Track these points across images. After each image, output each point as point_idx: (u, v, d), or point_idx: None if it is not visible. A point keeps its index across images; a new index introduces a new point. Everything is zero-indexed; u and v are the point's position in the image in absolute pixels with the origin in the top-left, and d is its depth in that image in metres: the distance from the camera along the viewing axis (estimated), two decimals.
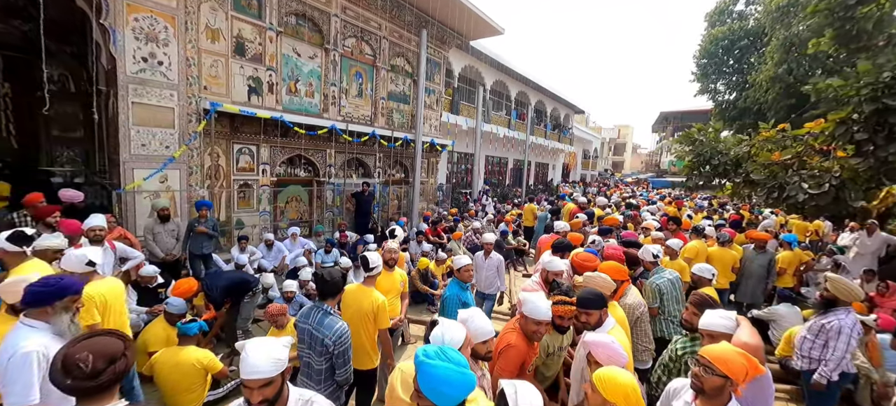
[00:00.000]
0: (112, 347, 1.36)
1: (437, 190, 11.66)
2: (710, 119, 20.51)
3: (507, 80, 18.28)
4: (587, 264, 3.38)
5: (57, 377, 1.29)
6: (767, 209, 10.56)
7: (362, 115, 8.97)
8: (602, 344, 1.80)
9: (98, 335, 1.41)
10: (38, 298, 1.89)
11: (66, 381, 1.27)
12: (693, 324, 2.38)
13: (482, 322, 1.98)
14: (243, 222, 6.91)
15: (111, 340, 1.39)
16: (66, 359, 1.29)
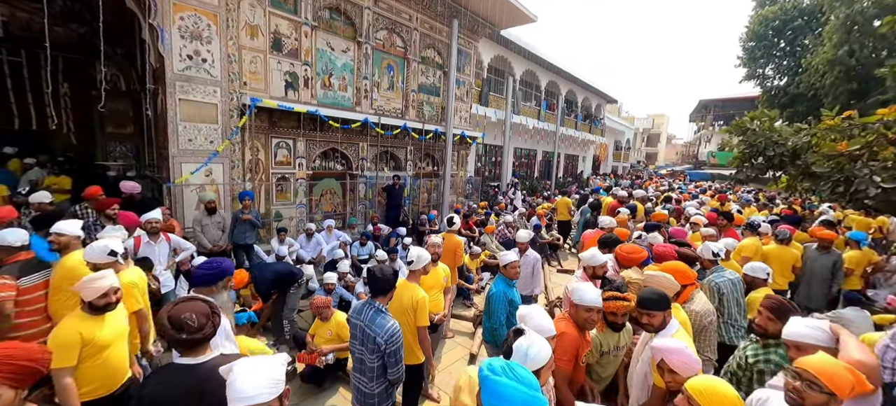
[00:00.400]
0: (205, 307, 1.61)
1: (466, 183, 11.57)
2: (756, 106, 19.15)
3: (537, 70, 17.83)
4: (633, 257, 3.22)
5: (171, 335, 1.53)
6: (824, 204, 9.77)
7: (393, 107, 8.98)
8: (676, 351, 1.67)
9: (187, 300, 1.64)
10: (205, 280, 2.31)
11: (181, 336, 1.52)
12: (767, 330, 2.20)
13: (542, 319, 1.90)
14: (281, 214, 7.10)
15: (201, 303, 1.62)
16: (173, 319, 1.53)
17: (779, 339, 2.17)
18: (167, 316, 1.54)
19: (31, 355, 1.50)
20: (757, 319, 2.25)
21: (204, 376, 1.53)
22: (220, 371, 1.33)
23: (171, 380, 1.56)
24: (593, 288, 2.12)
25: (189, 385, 1.53)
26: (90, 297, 2.07)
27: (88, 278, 2.10)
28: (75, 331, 2.06)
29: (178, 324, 1.52)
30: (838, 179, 5.63)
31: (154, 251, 3.73)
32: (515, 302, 2.91)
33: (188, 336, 1.53)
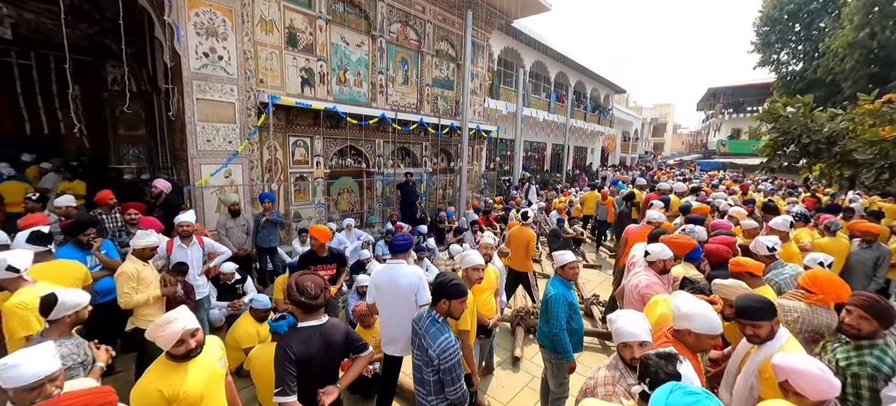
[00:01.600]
0: (321, 281, 2.04)
1: (480, 178, 11.37)
2: (770, 93, 18.77)
3: (546, 61, 17.53)
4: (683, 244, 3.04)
5: (294, 295, 1.94)
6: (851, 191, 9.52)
7: (408, 102, 8.77)
8: (808, 375, 1.45)
9: (308, 274, 2.04)
10: (401, 248, 2.98)
11: (301, 298, 1.93)
12: (861, 329, 2.00)
13: (624, 322, 1.73)
14: (300, 215, 6.95)
15: (318, 278, 2.05)
16: (298, 285, 1.96)
17: (873, 340, 1.98)
18: (294, 282, 1.96)
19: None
20: (847, 318, 2.06)
21: (329, 333, 2.02)
22: None
23: (309, 338, 1.97)
24: (714, 312, 1.85)
25: (322, 341, 1.98)
26: (165, 346, 1.79)
27: (158, 324, 1.78)
28: (154, 389, 1.75)
29: (302, 289, 1.94)
30: (883, 166, 5.42)
31: (187, 255, 3.57)
32: (575, 304, 2.73)
33: (305, 299, 1.92)
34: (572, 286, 2.80)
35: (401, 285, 2.79)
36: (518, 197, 11.66)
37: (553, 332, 2.72)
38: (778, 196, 10.04)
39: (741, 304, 1.94)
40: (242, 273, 4.40)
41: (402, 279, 2.80)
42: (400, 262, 2.92)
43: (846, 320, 2.04)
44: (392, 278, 2.84)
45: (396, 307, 2.79)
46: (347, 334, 2.12)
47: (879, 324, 1.93)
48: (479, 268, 2.71)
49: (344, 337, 2.09)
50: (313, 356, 1.94)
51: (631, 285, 2.90)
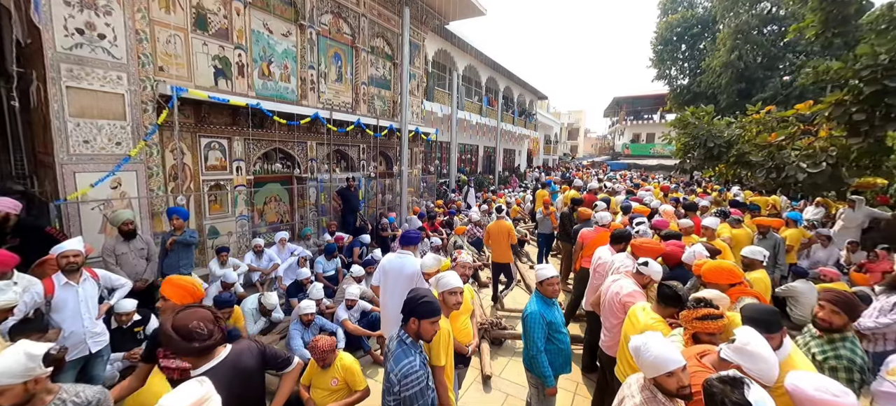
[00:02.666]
0: (206, 312, 1.65)
1: (420, 182, 11.03)
2: (665, 103, 21.62)
3: (477, 66, 17.85)
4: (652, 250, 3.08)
5: (180, 346, 1.55)
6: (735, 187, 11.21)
7: (343, 101, 8.07)
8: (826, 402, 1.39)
9: (188, 308, 1.64)
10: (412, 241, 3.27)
11: (193, 345, 1.55)
12: (833, 324, 2.12)
13: (659, 349, 1.54)
14: (218, 230, 5.87)
15: (202, 310, 1.65)
16: (181, 329, 1.54)
17: (843, 333, 2.11)
18: (172, 327, 1.55)
19: None
20: (820, 313, 2.18)
21: (236, 363, 1.67)
22: None
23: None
24: (774, 356, 1.59)
25: (229, 377, 1.62)
26: None
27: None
28: None
29: (188, 333, 1.54)
30: (771, 167, 6.37)
31: (77, 296, 2.62)
32: (555, 323, 2.53)
33: (199, 344, 1.56)
34: (555, 303, 2.60)
35: (406, 273, 3.10)
36: (458, 201, 11.58)
37: (531, 354, 2.49)
38: (680, 192, 11.45)
39: (751, 315, 1.90)
40: (144, 311, 3.45)
41: (409, 268, 3.10)
42: (408, 253, 3.26)
43: (820, 315, 2.14)
44: (401, 267, 3.15)
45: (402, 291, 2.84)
46: (263, 353, 1.81)
47: (849, 317, 2.04)
48: (456, 291, 2.37)
49: (259, 358, 1.78)
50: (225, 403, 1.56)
51: (611, 293, 2.82)
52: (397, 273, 3.13)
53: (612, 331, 2.77)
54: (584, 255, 4.17)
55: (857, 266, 5.70)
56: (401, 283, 3.04)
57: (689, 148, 7.76)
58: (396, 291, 3.01)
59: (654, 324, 2.34)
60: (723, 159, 7.32)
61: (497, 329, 4.18)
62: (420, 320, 1.92)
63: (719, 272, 2.50)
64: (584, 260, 4.19)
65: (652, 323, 2.36)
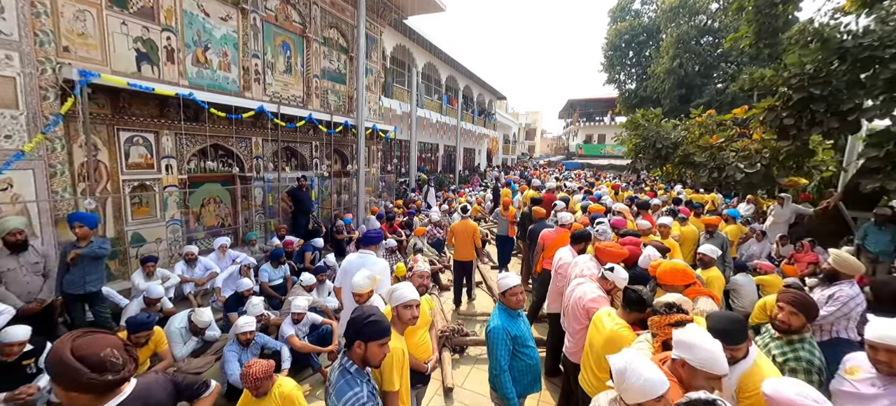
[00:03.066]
0: (115, 339, 1.40)
1: (379, 181, 10.62)
2: (615, 106, 22.76)
3: (437, 64, 17.66)
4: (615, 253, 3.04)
5: (89, 378, 1.26)
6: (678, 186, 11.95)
7: (293, 95, 7.50)
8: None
9: (89, 334, 1.37)
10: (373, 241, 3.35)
11: (106, 378, 1.29)
12: (791, 325, 2.14)
13: (650, 372, 1.41)
14: (143, 237, 5.16)
15: (109, 336, 1.40)
16: (89, 360, 1.27)
17: (801, 334, 2.13)
18: (78, 357, 1.25)
19: None
20: (779, 315, 2.20)
21: (145, 398, 1.46)
22: None
23: None
24: (718, 344, 1.58)
25: None
26: None
27: None
28: None
29: (100, 364, 1.29)
30: (713, 167, 6.78)
31: None
32: (522, 337, 2.36)
33: (114, 376, 1.31)
34: (520, 315, 2.43)
35: None
36: (418, 200, 11.31)
37: (495, 374, 2.31)
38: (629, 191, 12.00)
39: (718, 326, 1.84)
40: (38, 339, 2.84)
41: (370, 269, 2.96)
42: (370, 252, 3.27)
43: (779, 317, 2.15)
44: (361, 267, 2.99)
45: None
46: (175, 384, 1.61)
47: (807, 318, 2.06)
48: (411, 304, 2.11)
49: (171, 390, 1.58)
50: None
51: (574, 297, 2.72)
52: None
53: (576, 336, 2.68)
54: (545, 256, 4.10)
55: (787, 258, 6.24)
56: None
57: (640, 148, 8.11)
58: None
59: (620, 330, 2.26)
60: (670, 160, 7.71)
61: (459, 336, 4.00)
62: (367, 343, 1.65)
63: (674, 274, 2.47)
64: (545, 261, 4.12)
65: (617, 328, 2.27)
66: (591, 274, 2.88)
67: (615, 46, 22.40)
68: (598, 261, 3.06)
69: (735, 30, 18.00)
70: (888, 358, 1.57)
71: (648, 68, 19.83)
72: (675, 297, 2.24)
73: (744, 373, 1.75)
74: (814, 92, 5.36)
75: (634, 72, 22.20)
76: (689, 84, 17.48)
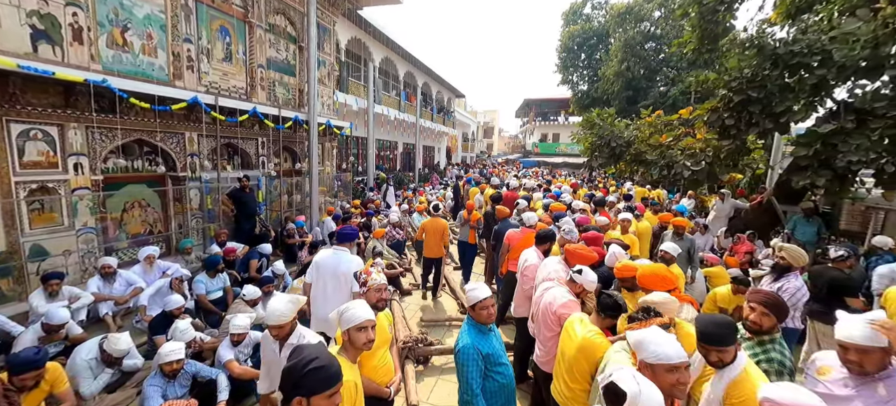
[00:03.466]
0: None
1: (334, 179, 10.05)
2: (569, 106, 23.61)
3: (395, 59, 17.19)
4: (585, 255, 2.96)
5: None
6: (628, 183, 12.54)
7: (234, 86, 6.81)
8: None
9: None
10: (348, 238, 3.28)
11: None
12: (762, 326, 2.11)
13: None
14: (46, 250, 4.35)
15: None
16: None
17: (772, 335, 2.11)
18: None
19: None
20: (750, 316, 2.17)
21: None
22: None
23: None
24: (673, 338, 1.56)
25: None
26: None
27: None
28: None
29: None
30: (663, 164, 7.10)
31: None
32: (494, 355, 2.15)
33: None
34: (492, 330, 2.23)
35: (340, 271, 3.05)
36: (376, 200, 10.87)
37: (465, 398, 2.09)
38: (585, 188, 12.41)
39: (706, 329, 1.75)
40: None
41: (343, 265, 3.06)
42: (344, 249, 3.21)
43: (750, 318, 2.12)
44: (335, 264, 3.08)
45: (334, 289, 3.04)
46: None
47: (778, 318, 2.05)
48: (366, 325, 1.81)
49: None
50: None
51: (544, 303, 2.57)
52: (332, 271, 3.09)
53: (547, 344, 2.54)
54: (511, 257, 3.97)
55: (727, 250, 6.67)
56: (332, 282, 3.07)
57: (595, 147, 8.33)
58: (328, 291, 3.08)
59: (593, 337, 2.14)
60: (623, 158, 7.99)
61: (423, 346, 3.75)
62: (309, 399, 1.28)
63: (655, 278, 2.40)
64: (510, 262, 3.99)
65: (590, 336, 2.15)
66: (559, 277, 2.75)
67: (568, 48, 23.21)
68: (566, 263, 2.96)
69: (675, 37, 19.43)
70: (859, 358, 1.56)
71: (599, 70, 20.75)
72: (658, 297, 2.14)
73: (732, 381, 1.67)
74: (751, 94, 5.73)
75: (586, 73, 23.16)
76: (635, 86, 18.53)
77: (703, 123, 6.61)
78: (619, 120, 8.95)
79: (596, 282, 2.54)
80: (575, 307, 2.46)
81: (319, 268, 3.12)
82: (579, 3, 23.97)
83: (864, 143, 4.75)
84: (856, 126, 4.99)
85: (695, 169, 6.54)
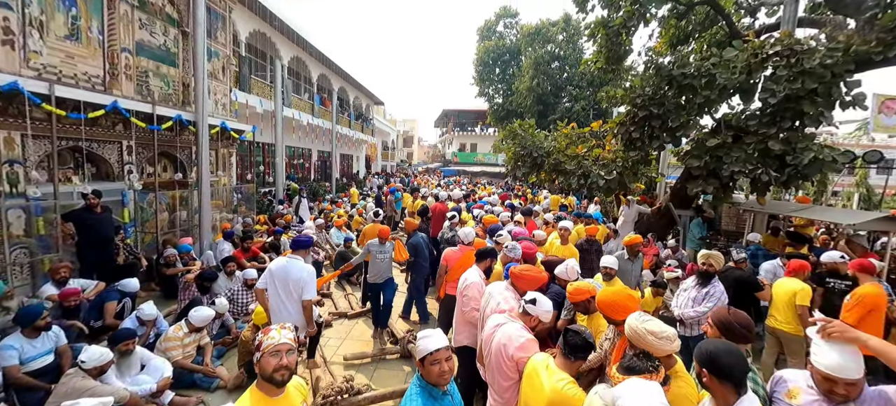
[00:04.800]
0: None
1: (233, 192, 8.55)
2: (486, 118, 24.50)
3: (308, 60, 15.79)
4: (533, 278, 2.66)
5: None
6: (543, 191, 13.24)
7: (83, 72, 5.24)
8: None
9: None
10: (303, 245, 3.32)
11: None
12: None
13: None
14: None
15: None
16: None
17: None
18: None
19: None
20: (709, 333, 2.07)
21: None
22: None
23: None
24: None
25: None
26: None
27: None
28: None
29: None
30: (581, 174, 7.45)
31: None
32: None
33: None
34: (451, 391, 1.72)
35: (291, 278, 3.12)
36: (288, 214, 9.59)
37: None
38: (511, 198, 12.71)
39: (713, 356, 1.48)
40: None
41: (294, 272, 3.14)
42: (298, 257, 3.26)
43: (709, 334, 2.02)
44: (286, 271, 3.14)
45: (284, 297, 3.13)
46: None
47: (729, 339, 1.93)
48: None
49: None
50: None
51: (496, 345, 2.15)
52: (282, 277, 3.14)
53: (505, 395, 2.12)
54: (449, 279, 3.54)
55: None
56: (286, 288, 3.12)
57: (518, 157, 8.47)
58: (283, 296, 3.13)
59: (566, 388, 1.76)
60: (543, 167, 8.24)
61: (348, 397, 3.06)
62: None
63: (617, 306, 2.10)
64: (449, 285, 3.56)
65: (562, 387, 1.76)
66: (509, 308, 2.38)
67: (484, 62, 24.17)
68: (514, 289, 2.62)
69: (576, 59, 21.54)
70: (847, 390, 1.45)
71: (513, 84, 21.96)
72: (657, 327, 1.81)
73: None
74: (652, 110, 6.29)
75: (501, 87, 24.36)
76: (545, 101, 20.00)
77: (613, 136, 7.10)
78: (539, 131, 9.28)
79: (551, 312, 2.22)
80: (534, 347, 2.10)
81: (273, 274, 3.16)
82: (492, 21, 25.21)
83: (742, 156, 5.47)
84: (733, 141, 5.75)
85: (608, 178, 6.96)
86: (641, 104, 6.40)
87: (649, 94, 6.40)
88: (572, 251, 4.31)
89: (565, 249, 4.25)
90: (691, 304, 3.56)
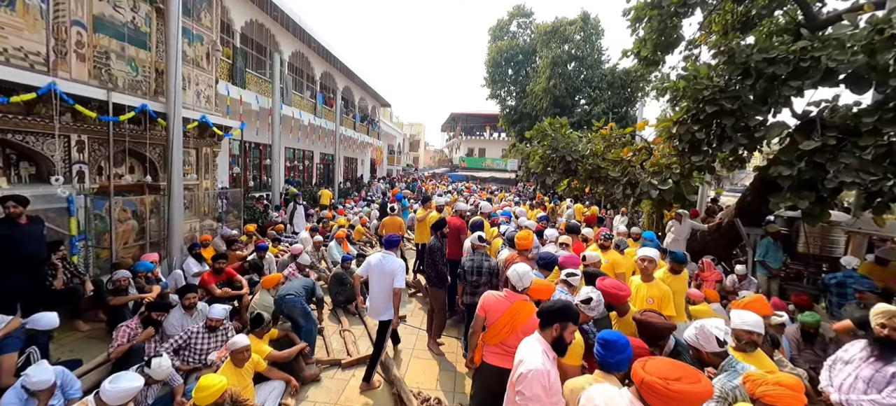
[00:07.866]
0: None
1: (218, 198, 7.41)
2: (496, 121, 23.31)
3: (310, 56, 14.79)
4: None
5: None
6: (568, 199, 11.93)
7: (18, 47, 4.16)
8: None
9: None
10: (393, 244, 3.79)
11: None
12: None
13: None
14: None
15: None
16: None
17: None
18: None
19: None
20: None
21: None
22: None
23: None
24: None
25: None
26: None
27: None
28: None
29: None
30: (627, 183, 6.24)
31: None
32: None
33: None
34: None
35: (386, 270, 3.57)
36: (280, 223, 8.45)
37: None
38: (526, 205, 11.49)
39: None
40: None
41: (388, 265, 3.58)
42: (391, 253, 3.70)
43: None
44: (381, 264, 3.61)
45: (380, 285, 3.60)
46: None
47: None
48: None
49: None
50: None
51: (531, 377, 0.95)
52: (379, 269, 3.60)
53: None
54: (490, 341, 2.31)
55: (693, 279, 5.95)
56: (383, 277, 3.57)
57: (548, 160, 7.27)
58: (380, 284, 3.59)
59: None
60: (577, 174, 7.03)
61: None
62: None
63: None
64: (488, 349, 2.34)
65: None
66: None
67: (496, 63, 23.05)
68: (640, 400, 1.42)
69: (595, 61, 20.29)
70: None
71: (527, 87, 20.78)
72: None
73: None
74: (725, 105, 5.07)
75: (514, 89, 23.19)
76: (561, 104, 18.79)
77: (670, 137, 5.88)
78: (572, 131, 8.06)
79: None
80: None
81: (371, 266, 3.65)
82: (505, 21, 24.13)
83: (854, 163, 4.23)
84: (836, 143, 4.51)
85: (662, 188, 5.73)
86: (710, 98, 5.19)
87: (720, 86, 5.19)
88: (665, 293, 3.07)
89: (652, 291, 3.02)
90: (864, 388, 2.33)
